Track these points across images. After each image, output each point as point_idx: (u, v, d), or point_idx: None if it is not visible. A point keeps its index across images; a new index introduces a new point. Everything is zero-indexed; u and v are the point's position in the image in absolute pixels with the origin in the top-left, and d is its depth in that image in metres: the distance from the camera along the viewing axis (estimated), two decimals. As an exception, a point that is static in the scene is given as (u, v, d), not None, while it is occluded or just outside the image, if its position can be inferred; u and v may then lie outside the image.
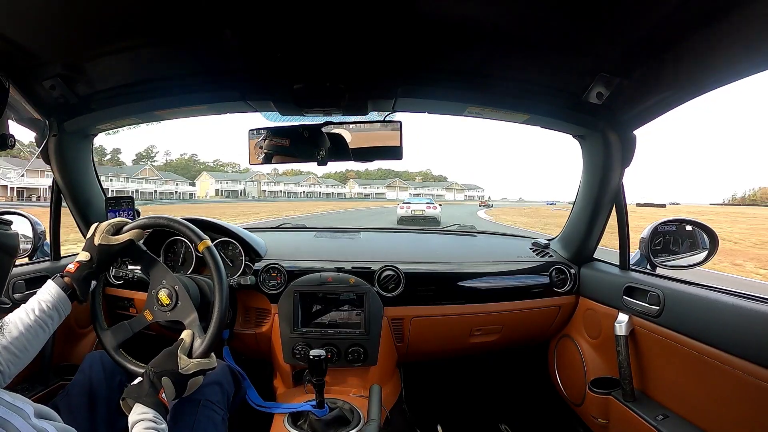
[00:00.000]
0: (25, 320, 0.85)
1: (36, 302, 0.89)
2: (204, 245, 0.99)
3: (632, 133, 1.21)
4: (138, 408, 0.78)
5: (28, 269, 1.30)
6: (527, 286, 1.49)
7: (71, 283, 0.93)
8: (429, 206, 15.80)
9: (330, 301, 1.38)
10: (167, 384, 0.83)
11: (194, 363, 0.88)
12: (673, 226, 1.35)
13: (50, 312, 0.88)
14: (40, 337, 0.87)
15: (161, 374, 0.84)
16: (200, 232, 1.02)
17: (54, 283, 0.92)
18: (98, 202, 1.46)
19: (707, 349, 0.93)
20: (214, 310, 0.95)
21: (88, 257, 0.95)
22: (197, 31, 0.93)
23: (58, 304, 0.90)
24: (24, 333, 0.84)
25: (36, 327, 0.86)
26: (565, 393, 1.54)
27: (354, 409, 1.20)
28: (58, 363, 1.32)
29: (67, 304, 0.92)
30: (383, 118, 1.31)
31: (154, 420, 0.77)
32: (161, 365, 0.85)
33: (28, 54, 0.93)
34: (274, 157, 1.30)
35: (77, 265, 0.94)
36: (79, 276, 0.94)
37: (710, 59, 0.87)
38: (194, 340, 0.91)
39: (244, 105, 1.23)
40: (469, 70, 1.12)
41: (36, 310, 0.87)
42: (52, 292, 0.90)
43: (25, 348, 0.83)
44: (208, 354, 0.91)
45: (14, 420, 0.54)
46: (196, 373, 0.88)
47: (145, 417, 0.77)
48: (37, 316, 0.86)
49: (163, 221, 1.02)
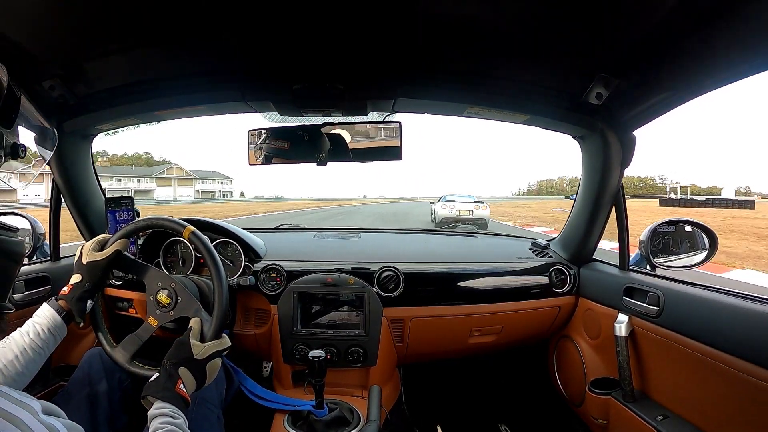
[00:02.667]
0: (21, 344, 0.84)
1: (31, 325, 0.88)
2: (188, 231, 0.98)
3: (631, 134, 1.21)
4: (157, 403, 0.77)
5: (28, 270, 1.30)
6: (527, 287, 1.49)
7: (66, 306, 0.91)
8: (477, 205, 12.47)
9: (329, 302, 1.38)
10: (185, 374, 0.82)
11: (208, 346, 0.86)
12: (673, 226, 1.35)
13: (45, 336, 0.87)
14: (36, 361, 0.86)
15: (177, 365, 0.82)
16: (181, 221, 1.00)
17: (49, 306, 0.91)
18: (98, 203, 1.46)
19: (707, 350, 0.93)
20: (215, 288, 0.94)
21: (80, 278, 0.94)
22: (197, 32, 0.93)
23: (52, 328, 0.89)
24: (19, 357, 0.83)
25: (30, 352, 0.85)
26: (564, 393, 1.54)
27: (353, 409, 1.20)
28: (57, 364, 1.32)
29: (62, 328, 0.91)
30: (383, 118, 1.31)
31: (171, 414, 0.76)
32: (176, 356, 0.84)
33: (27, 54, 0.93)
34: (273, 158, 1.30)
35: (70, 287, 0.93)
36: (73, 296, 0.92)
37: (709, 60, 0.87)
38: (203, 325, 0.90)
39: (243, 105, 1.23)
40: (468, 71, 1.12)
41: (31, 333, 0.86)
42: (47, 315, 0.89)
43: (21, 373, 0.82)
44: (219, 334, 0.90)
45: (22, 415, 0.55)
46: (213, 356, 0.86)
47: (161, 411, 0.76)
48: (32, 339, 0.85)
49: (143, 222, 1.02)
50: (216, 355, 0.87)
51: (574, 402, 1.46)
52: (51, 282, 1.32)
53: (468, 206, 12.53)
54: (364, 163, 1.32)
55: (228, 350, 0.90)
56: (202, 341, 0.87)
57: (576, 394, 1.44)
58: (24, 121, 0.82)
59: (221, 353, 0.88)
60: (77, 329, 1.42)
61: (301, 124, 1.31)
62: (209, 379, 0.86)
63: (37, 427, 0.55)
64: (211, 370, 0.86)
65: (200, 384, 0.84)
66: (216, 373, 0.88)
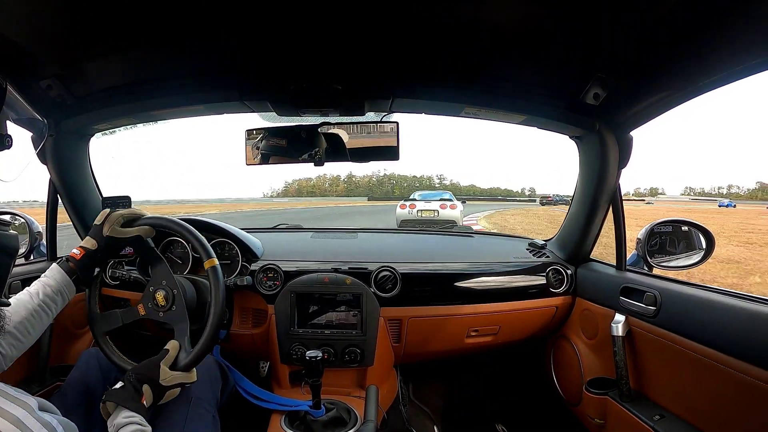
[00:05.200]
0: (29, 304, 0.85)
1: (40, 285, 0.88)
2: (210, 264, 0.98)
3: (629, 134, 1.22)
4: (124, 412, 0.79)
5: (25, 269, 1.30)
6: (524, 287, 1.49)
7: (76, 269, 0.92)
8: (444, 205, 10.71)
9: (327, 302, 1.38)
10: (147, 392, 0.83)
11: (176, 375, 0.88)
12: (670, 226, 1.35)
13: (54, 296, 0.88)
14: (43, 320, 0.87)
15: (142, 381, 0.84)
16: (210, 250, 1.00)
17: (59, 267, 0.91)
18: (95, 202, 1.45)
19: (704, 349, 0.94)
20: (206, 330, 0.93)
21: (95, 245, 0.94)
22: (194, 32, 0.93)
23: (62, 288, 0.90)
24: (26, 317, 0.84)
25: (39, 311, 0.86)
26: (562, 393, 1.54)
27: (351, 409, 1.20)
28: (54, 364, 1.32)
29: (71, 288, 0.92)
30: (380, 118, 1.31)
31: (140, 423, 0.77)
32: (142, 373, 0.85)
33: (24, 53, 0.93)
34: (271, 158, 1.30)
35: (82, 251, 0.93)
36: (84, 263, 0.93)
37: (706, 61, 0.87)
38: (180, 352, 0.91)
39: (241, 105, 1.23)
40: (466, 71, 1.12)
41: (40, 293, 0.87)
42: (56, 276, 0.90)
43: (27, 331, 0.83)
44: (190, 369, 0.90)
45: (18, 413, 0.55)
46: (176, 386, 0.88)
47: (132, 420, 0.77)
48: (41, 300, 0.86)
49: (177, 227, 1.01)
50: (179, 386, 0.89)
51: (571, 402, 1.47)
52: None
53: (432, 206, 10.73)
54: (362, 163, 1.32)
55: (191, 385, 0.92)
56: (174, 366, 0.88)
57: (573, 393, 1.44)
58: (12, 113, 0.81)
59: (183, 386, 0.90)
60: (74, 329, 1.42)
61: (299, 124, 1.31)
62: (163, 401, 0.88)
63: (33, 424, 0.55)
64: (169, 395, 0.88)
65: (154, 403, 0.86)
66: (172, 398, 0.89)
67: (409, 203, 11.01)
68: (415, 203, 11.01)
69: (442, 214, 10.34)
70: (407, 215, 10.55)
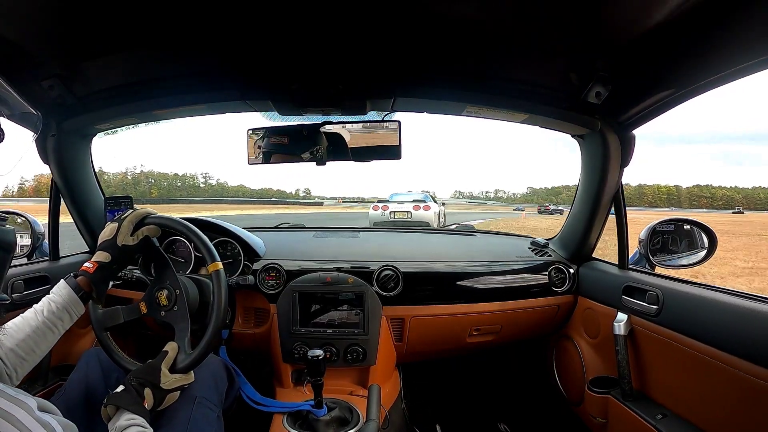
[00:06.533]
0: (33, 321, 0.83)
1: (46, 302, 0.86)
2: (214, 267, 0.97)
3: (631, 133, 1.22)
4: (125, 414, 0.78)
5: (27, 269, 1.30)
6: (526, 286, 1.49)
7: (87, 284, 0.90)
8: (418, 206, 10.36)
9: (329, 301, 1.38)
10: (149, 395, 0.83)
11: (176, 378, 0.87)
12: (672, 225, 1.35)
13: (60, 313, 0.86)
14: (48, 339, 0.85)
15: (144, 385, 0.83)
16: (215, 253, 0.99)
17: (65, 284, 0.89)
18: (97, 202, 1.45)
19: (706, 348, 0.93)
20: (206, 333, 0.93)
21: (108, 258, 0.91)
22: (196, 32, 0.93)
23: (68, 305, 0.87)
24: (30, 334, 0.82)
25: (44, 329, 0.83)
26: (564, 392, 1.54)
27: (353, 408, 1.20)
28: (56, 363, 1.32)
29: (78, 306, 0.89)
30: (382, 117, 1.31)
31: (143, 425, 0.77)
32: (143, 377, 0.85)
33: (26, 54, 0.93)
34: (272, 157, 1.30)
35: (96, 265, 0.91)
36: (99, 277, 0.91)
37: (709, 60, 0.87)
38: (179, 354, 0.90)
39: (242, 105, 1.23)
40: (467, 70, 1.12)
41: (45, 311, 0.85)
42: (62, 293, 0.88)
43: (31, 350, 0.81)
44: (189, 371, 0.90)
45: (18, 413, 0.54)
46: (176, 389, 0.88)
47: (134, 422, 0.76)
48: (46, 317, 0.84)
49: (183, 229, 1.00)
50: (179, 389, 0.89)
51: (573, 401, 1.47)
52: (50, 282, 1.31)
53: (405, 207, 10.41)
54: (363, 162, 1.32)
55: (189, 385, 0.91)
56: (173, 368, 0.88)
57: (575, 393, 1.44)
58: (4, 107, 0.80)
59: (182, 388, 0.90)
60: (76, 329, 1.42)
61: (301, 123, 1.31)
62: (163, 406, 0.87)
63: (32, 425, 0.55)
64: (169, 399, 0.88)
65: (155, 408, 0.85)
66: (172, 401, 0.89)
67: (382, 204, 10.76)
68: (387, 204, 10.75)
69: (416, 216, 10.09)
70: (379, 217, 10.30)
